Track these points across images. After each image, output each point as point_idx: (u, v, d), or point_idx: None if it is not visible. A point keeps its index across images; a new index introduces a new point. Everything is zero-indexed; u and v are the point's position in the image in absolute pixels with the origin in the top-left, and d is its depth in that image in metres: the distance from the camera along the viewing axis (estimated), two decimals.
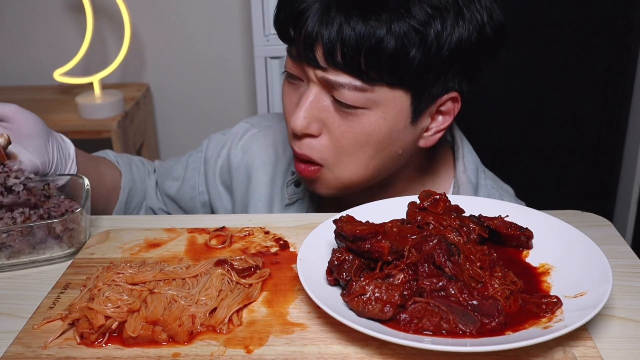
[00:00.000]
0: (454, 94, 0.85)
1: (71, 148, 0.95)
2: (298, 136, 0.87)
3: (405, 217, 0.75)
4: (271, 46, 1.89)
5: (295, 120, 0.84)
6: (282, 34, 0.86)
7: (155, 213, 1.15)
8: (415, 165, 0.96)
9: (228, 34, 2.31)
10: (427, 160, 0.98)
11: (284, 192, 1.04)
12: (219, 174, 1.10)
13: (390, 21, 0.76)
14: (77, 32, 2.29)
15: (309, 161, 0.88)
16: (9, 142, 0.81)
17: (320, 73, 0.81)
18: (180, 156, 1.17)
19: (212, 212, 1.13)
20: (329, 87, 0.82)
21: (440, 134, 0.89)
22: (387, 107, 0.82)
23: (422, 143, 0.89)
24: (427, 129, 0.88)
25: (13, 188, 0.78)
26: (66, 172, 0.93)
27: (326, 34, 0.78)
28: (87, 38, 2.10)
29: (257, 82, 1.96)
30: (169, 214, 1.15)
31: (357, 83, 0.80)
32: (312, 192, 1.02)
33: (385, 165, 0.88)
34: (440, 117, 0.88)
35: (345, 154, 0.85)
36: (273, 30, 1.89)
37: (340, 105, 0.82)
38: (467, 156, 0.97)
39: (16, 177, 0.79)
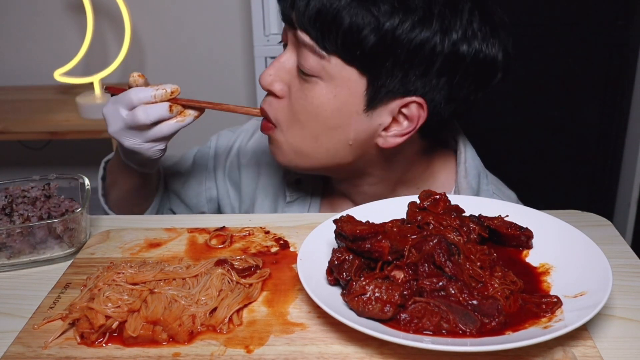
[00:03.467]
0: (419, 99, 0.82)
1: None
2: (267, 93, 0.91)
3: (405, 217, 0.76)
4: (271, 46, 1.89)
5: (263, 76, 0.89)
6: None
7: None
8: (389, 175, 0.95)
9: (228, 34, 2.31)
10: (426, 164, 0.97)
11: (286, 189, 1.04)
12: (228, 170, 1.11)
13: None
14: (77, 32, 2.29)
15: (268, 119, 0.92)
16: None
17: (293, 33, 0.85)
18: (182, 154, 1.17)
19: (218, 207, 1.13)
20: (300, 49, 0.85)
21: (401, 139, 0.86)
22: (339, 84, 0.83)
23: (380, 142, 0.87)
24: (386, 128, 0.86)
25: None
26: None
27: None
28: (87, 38, 2.10)
29: (257, 82, 1.96)
30: (171, 210, 1.15)
31: (317, 48, 0.82)
32: (313, 190, 1.02)
33: (338, 151, 0.88)
34: (405, 122, 0.85)
35: (296, 120, 0.88)
36: (273, 30, 1.90)
37: (300, 72, 0.85)
38: (469, 161, 0.96)
39: None
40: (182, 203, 1.14)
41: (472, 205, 0.79)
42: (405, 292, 0.62)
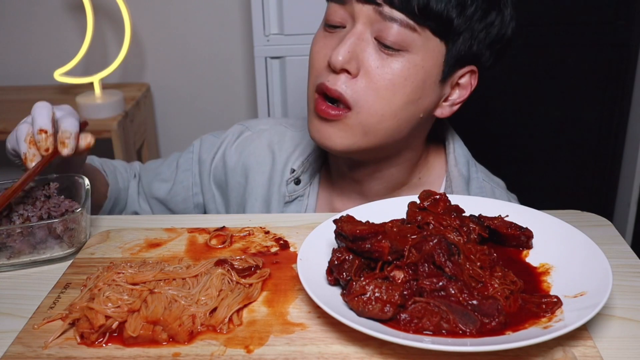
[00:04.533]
0: (473, 67, 0.91)
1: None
2: (335, 72, 0.87)
3: (405, 217, 0.76)
4: (271, 46, 1.89)
5: (337, 54, 0.85)
6: None
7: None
8: (411, 156, 0.98)
9: (228, 34, 2.31)
10: (426, 153, 1.01)
11: (282, 189, 1.04)
12: (213, 175, 1.11)
13: None
14: (77, 32, 2.29)
15: (335, 102, 0.88)
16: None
17: (374, 8, 0.85)
18: (164, 158, 1.17)
19: (205, 213, 1.13)
20: (379, 24, 0.85)
21: (456, 107, 0.94)
22: (427, 54, 0.86)
23: (439, 112, 0.93)
24: (446, 99, 0.93)
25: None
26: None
27: None
28: (87, 38, 2.10)
29: (257, 82, 1.95)
30: None
31: (410, 21, 0.84)
32: (310, 189, 1.02)
33: (406, 126, 0.90)
34: (457, 91, 0.93)
35: (380, 97, 0.86)
36: (273, 30, 1.89)
37: (383, 47, 0.85)
38: (457, 150, 1.01)
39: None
40: (168, 210, 1.13)
41: (472, 205, 0.79)
42: (405, 292, 0.62)
